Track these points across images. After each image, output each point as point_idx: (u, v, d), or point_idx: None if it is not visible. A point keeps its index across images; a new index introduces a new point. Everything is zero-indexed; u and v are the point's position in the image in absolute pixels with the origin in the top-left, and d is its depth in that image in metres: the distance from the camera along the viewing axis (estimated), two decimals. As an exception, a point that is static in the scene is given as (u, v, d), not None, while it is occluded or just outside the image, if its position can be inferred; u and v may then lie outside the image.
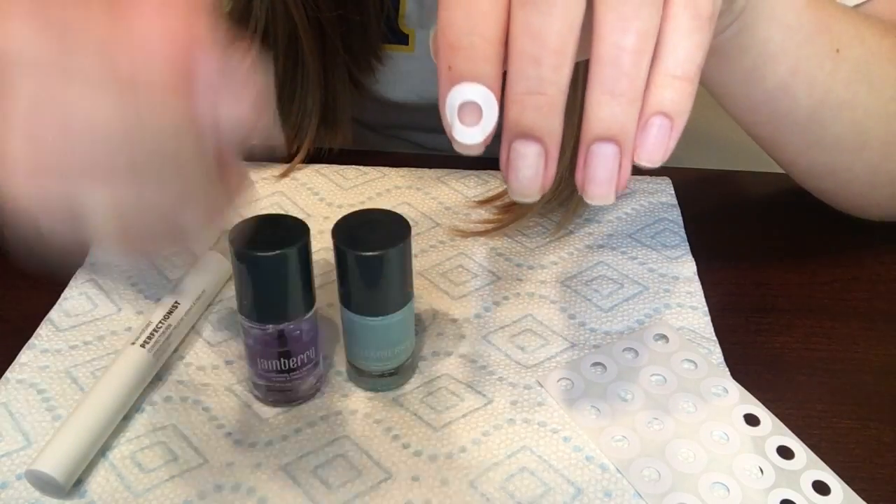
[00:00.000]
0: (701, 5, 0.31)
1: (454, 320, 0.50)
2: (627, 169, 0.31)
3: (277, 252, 0.39)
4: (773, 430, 0.43)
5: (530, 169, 0.31)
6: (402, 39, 0.64)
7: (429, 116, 0.71)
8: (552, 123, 0.30)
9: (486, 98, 0.30)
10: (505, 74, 0.30)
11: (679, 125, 0.31)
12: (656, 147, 0.31)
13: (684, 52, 0.31)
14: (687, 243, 0.56)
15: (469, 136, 0.30)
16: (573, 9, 0.29)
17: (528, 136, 0.30)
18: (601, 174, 0.31)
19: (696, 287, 0.53)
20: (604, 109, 0.30)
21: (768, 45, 0.45)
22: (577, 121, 0.31)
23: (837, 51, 0.48)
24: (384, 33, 0.63)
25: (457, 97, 0.30)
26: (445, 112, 0.30)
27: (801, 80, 0.48)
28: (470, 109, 0.30)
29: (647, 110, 0.31)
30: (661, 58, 0.31)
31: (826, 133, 0.51)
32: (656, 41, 0.31)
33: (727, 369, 0.47)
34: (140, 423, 0.43)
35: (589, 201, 0.32)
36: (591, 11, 0.30)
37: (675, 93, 0.31)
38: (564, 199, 0.58)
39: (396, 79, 0.66)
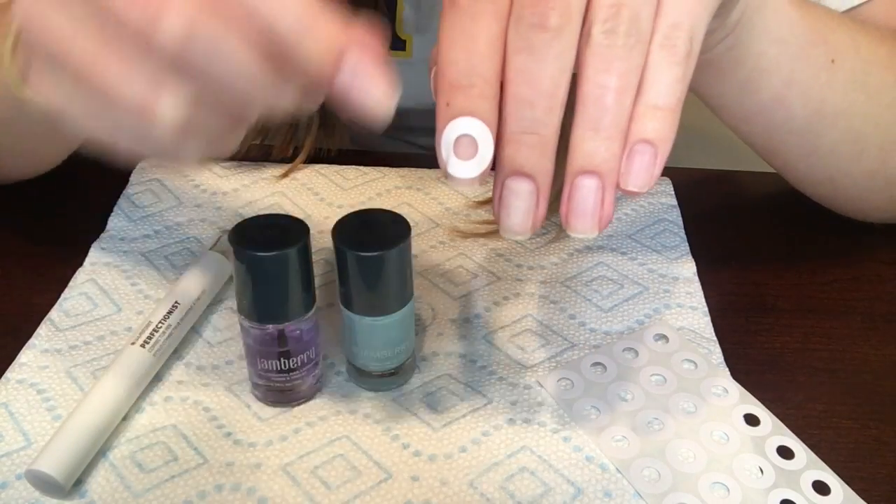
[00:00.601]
0: (678, 45, 0.32)
1: (454, 320, 0.50)
2: (611, 203, 0.32)
3: (277, 252, 0.39)
4: (773, 430, 0.43)
5: (523, 206, 0.32)
6: (400, 45, 0.64)
7: (427, 119, 0.71)
8: (545, 162, 0.31)
9: (482, 132, 0.31)
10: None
11: (663, 152, 0.32)
12: (641, 173, 0.32)
13: (665, 86, 0.32)
14: (687, 244, 0.56)
15: (464, 170, 0.31)
16: (565, 54, 0.31)
17: (521, 173, 0.31)
18: (584, 207, 0.32)
19: (696, 287, 0.53)
20: (587, 144, 0.31)
21: (762, 58, 0.45)
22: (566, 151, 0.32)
23: (833, 61, 0.48)
24: None
25: (453, 131, 0.31)
26: (441, 149, 0.31)
27: (796, 91, 0.48)
28: (466, 143, 0.31)
29: (630, 139, 0.32)
30: (642, 92, 0.32)
31: (823, 141, 0.51)
32: (639, 79, 0.32)
33: (727, 369, 0.47)
34: (140, 423, 0.43)
35: (572, 234, 0.33)
36: (578, 51, 0.31)
37: (657, 122, 0.32)
38: None
39: None
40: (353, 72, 0.30)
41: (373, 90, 0.30)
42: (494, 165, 0.32)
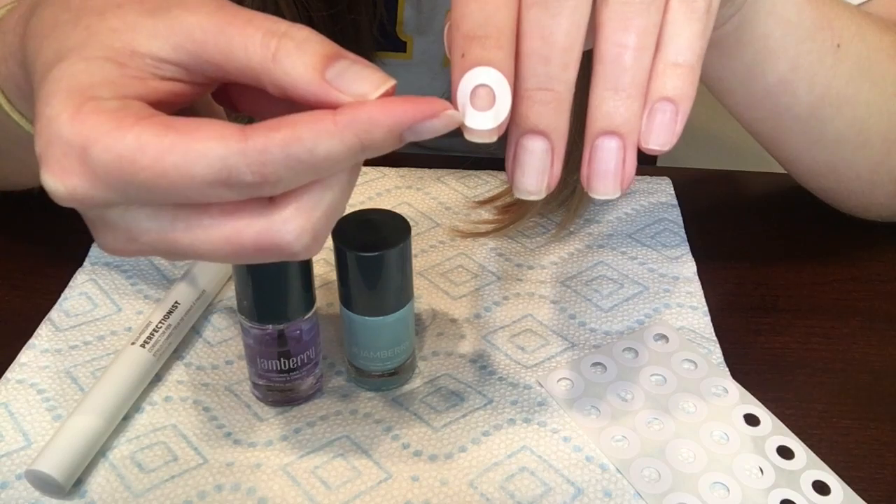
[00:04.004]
0: (698, 1, 0.32)
1: (454, 320, 0.50)
2: (632, 163, 0.32)
3: (277, 252, 0.39)
4: (773, 430, 0.43)
5: (537, 165, 0.31)
6: (400, 47, 0.64)
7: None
8: (560, 120, 0.31)
9: (499, 82, 0.30)
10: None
11: (684, 110, 0.32)
12: (662, 131, 0.32)
13: (684, 41, 0.32)
14: (687, 243, 0.56)
15: (481, 120, 0.30)
16: (580, 9, 0.30)
17: (535, 131, 0.31)
18: (605, 168, 0.31)
19: (696, 287, 0.53)
20: (607, 104, 0.31)
21: (768, 40, 0.45)
22: (575, 119, 0.32)
23: (838, 46, 0.48)
24: (378, 38, 0.63)
25: (470, 81, 0.30)
26: (458, 100, 0.30)
27: (801, 75, 0.48)
28: (483, 93, 0.30)
29: (650, 98, 0.31)
30: (661, 49, 0.32)
31: (827, 129, 0.51)
32: (658, 36, 0.31)
33: (727, 369, 0.47)
34: (140, 423, 0.43)
35: (594, 195, 0.32)
36: (594, 10, 0.31)
37: (677, 79, 0.31)
38: (565, 198, 0.58)
39: None
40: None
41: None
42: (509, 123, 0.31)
